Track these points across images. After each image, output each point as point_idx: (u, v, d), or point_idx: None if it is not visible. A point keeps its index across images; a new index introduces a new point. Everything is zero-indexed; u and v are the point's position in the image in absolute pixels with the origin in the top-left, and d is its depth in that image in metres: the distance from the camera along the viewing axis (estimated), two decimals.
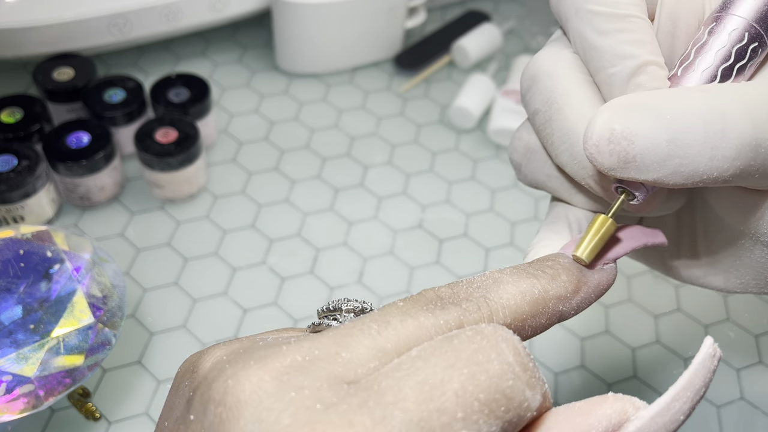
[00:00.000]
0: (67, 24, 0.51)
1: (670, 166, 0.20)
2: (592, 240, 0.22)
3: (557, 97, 0.23)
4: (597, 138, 0.20)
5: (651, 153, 0.20)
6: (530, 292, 0.21)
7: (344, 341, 0.18)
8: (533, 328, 0.21)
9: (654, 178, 0.20)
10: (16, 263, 0.36)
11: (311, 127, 0.56)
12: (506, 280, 0.21)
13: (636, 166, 0.20)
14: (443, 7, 0.69)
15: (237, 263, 0.47)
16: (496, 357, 0.17)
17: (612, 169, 0.20)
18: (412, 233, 0.50)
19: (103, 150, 0.46)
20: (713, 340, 0.19)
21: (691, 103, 0.20)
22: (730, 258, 0.26)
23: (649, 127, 0.20)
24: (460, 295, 0.20)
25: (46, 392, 0.33)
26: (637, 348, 0.45)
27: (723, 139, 0.20)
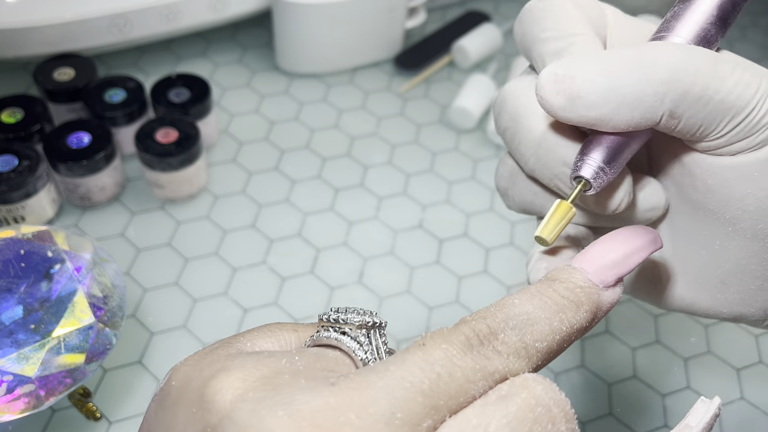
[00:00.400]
0: (67, 24, 0.51)
1: (613, 98, 0.22)
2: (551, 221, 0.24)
3: (521, 110, 0.26)
4: (544, 80, 0.23)
5: (593, 86, 0.22)
6: (560, 330, 0.21)
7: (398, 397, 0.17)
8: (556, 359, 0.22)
9: (603, 114, 0.22)
10: (17, 263, 0.36)
11: (311, 127, 0.56)
12: (538, 317, 0.21)
13: (582, 102, 0.22)
14: (443, 8, 0.69)
15: (237, 263, 0.47)
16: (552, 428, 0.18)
17: (562, 108, 0.23)
18: (412, 233, 0.50)
19: (103, 150, 0.46)
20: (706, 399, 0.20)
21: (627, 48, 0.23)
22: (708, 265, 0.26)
23: (589, 65, 0.22)
24: (497, 336, 0.20)
25: (47, 392, 0.34)
26: (637, 348, 0.45)
27: (655, 65, 0.22)
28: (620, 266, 0.23)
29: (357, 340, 0.22)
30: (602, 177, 0.24)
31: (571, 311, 0.21)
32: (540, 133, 0.25)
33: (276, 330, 0.23)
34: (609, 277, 0.22)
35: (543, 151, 0.25)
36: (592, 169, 0.23)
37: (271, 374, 0.18)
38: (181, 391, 0.19)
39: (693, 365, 0.45)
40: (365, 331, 0.22)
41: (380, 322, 0.22)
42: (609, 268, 0.23)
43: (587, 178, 0.24)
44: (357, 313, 0.22)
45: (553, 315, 0.21)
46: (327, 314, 0.23)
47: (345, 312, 0.22)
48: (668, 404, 0.43)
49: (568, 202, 0.24)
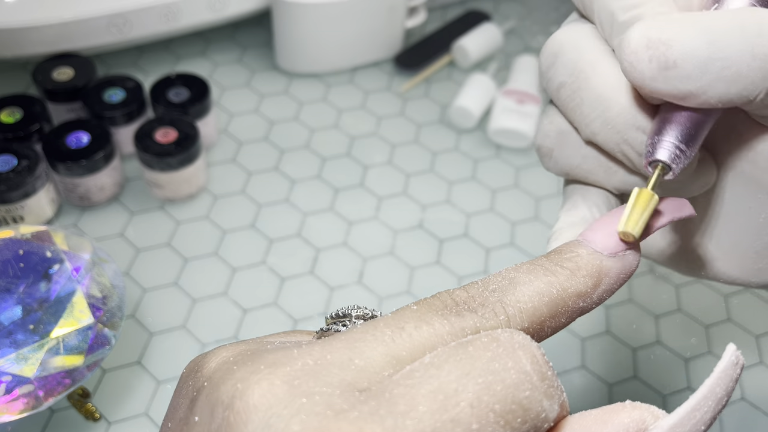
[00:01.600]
0: (66, 24, 0.51)
1: (712, 70, 0.19)
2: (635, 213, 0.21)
3: (584, 65, 0.23)
4: (635, 45, 0.20)
5: (691, 56, 0.19)
6: (548, 292, 0.20)
7: (357, 347, 0.17)
8: (553, 329, 0.20)
9: (697, 87, 0.20)
10: (16, 263, 0.36)
11: (311, 126, 0.56)
12: (522, 280, 0.20)
13: (677, 73, 0.19)
14: (443, 7, 0.69)
15: (237, 263, 0.47)
16: (513, 366, 0.17)
17: (653, 78, 0.20)
18: (413, 233, 0.50)
19: (102, 150, 0.46)
20: (736, 347, 0.18)
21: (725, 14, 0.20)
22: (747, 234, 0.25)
23: (688, 31, 0.19)
24: (475, 299, 0.19)
25: (46, 393, 0.33)
26: (637, 348, 0.45)
27: (761, 36, 0.19)
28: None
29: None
30: (681, 159, 0.21)
31: (563, 276, 0.20)
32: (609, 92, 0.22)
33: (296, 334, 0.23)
34: (614, 242, 0.21)
35: (612, 112, 0.22)
36: (670, 151, 0.21)
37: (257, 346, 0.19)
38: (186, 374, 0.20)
39: (694, 366, 0.44)
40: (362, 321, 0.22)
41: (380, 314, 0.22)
42: (608, 233, 0.21)
43: (667, 161, 0.21)
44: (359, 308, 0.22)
45: (538, 278, 0.20)
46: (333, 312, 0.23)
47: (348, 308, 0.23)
48: (669, 405, 0.42)
49: (649, 189, 0.21)
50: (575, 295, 0.20)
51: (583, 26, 0.24)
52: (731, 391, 0.18)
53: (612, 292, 0.21)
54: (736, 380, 0.18)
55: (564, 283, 0.20)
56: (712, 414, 0.17)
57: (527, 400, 0.16)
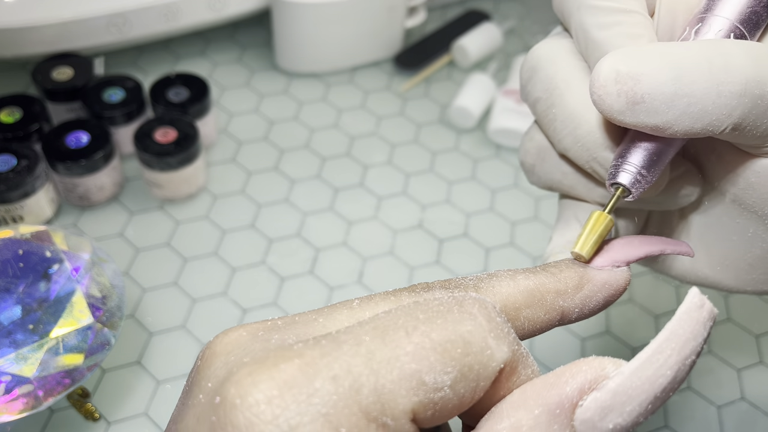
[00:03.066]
0: (66, 23, 0.51)
1: (678, 106, 0.20)
2: (589, 236, 0.22)
3: (559, 82, 0.23)
4: (604, 79, 0.20)
5: (658, 92, 0.20)
6: (524, 284, 0.20)
7: (326, 311, 0.18)
8: (530, 321, 0.21)
9: (663, 122, 0.20)
10: (15, 263, 0.36)
11: (311, 126, 0.56)
12: (502, 274, 0.21)
13: (645, 107, 0.20)
14: (443, 7, 0.69)
15: (236, 263, 0.47)
16: (458, 309, 0.17)
17: (620, 112, 0.20)
18: (412, 233, 0.50)
19: (102, 150, 0.46)
20: (699, 290, 0.18)
21: (693, 46, 0.20)
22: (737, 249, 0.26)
23: (655, 67, 0.20)
24: (451, 283, 0.20)
25: (46, 392, 0.33)
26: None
27: (728, 74, 0.20)
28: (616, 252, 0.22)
29: None
30: (641, 184, 0.22)
31: (542, 275, 0.21)
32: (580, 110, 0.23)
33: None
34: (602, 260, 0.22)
35: (582, 131, 0.23)
36: (631, 175, 0.22)
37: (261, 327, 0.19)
38: None
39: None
40: None
41: None
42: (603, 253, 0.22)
43: (626, 185, 0.22)
44: None
45: (517, 273, 0.21)
46: None
47: None
48: (669, 404, 0.42)
49: (605, 212, 0.22)
50: (554, 291, 0.21)
51: (562, 41, 0.24)
52: (699, 336, 0.17)
53: (598, 301, 0.22)
54: (703, 324, 0.17)
55: (543, 279, 0.21)
56: (678, 357, 0.17)
57: (469, 333, 0.17)
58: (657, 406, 0.17)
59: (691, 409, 0.42)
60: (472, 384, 0.17)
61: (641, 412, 0.16)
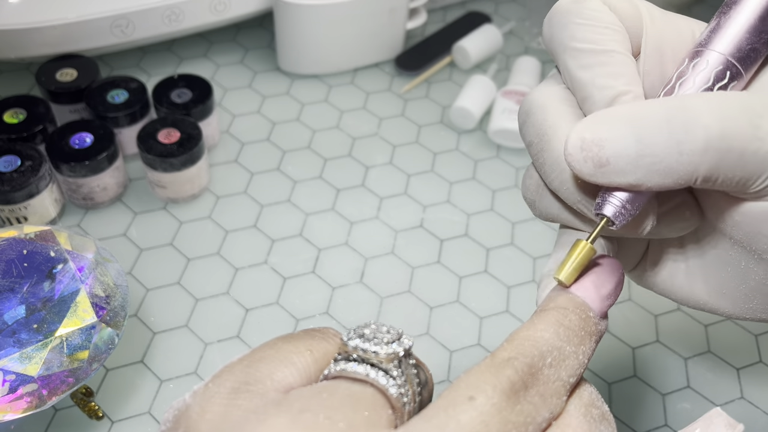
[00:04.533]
0: (69, 25, 0.51)
1: (642, 165, 0.21)
2: (571, 264, 0.23)
3: (547, 129, 0.25)
4: (571, 148, 0.22)
5: (622, 155, 0.21)
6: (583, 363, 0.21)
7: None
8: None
9: (633, 180, 0.21)
10: (20, 263, 0.36)
11: (313, 127, 0.57)
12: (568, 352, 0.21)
13: (611, 169, 0.21)
14: (444, 9, 0.69)
15: (239, 263, 0.47)
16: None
17: (591, 174, 0.22)
18: (413, 233, 0.50)
19: (106, 150, 0.46)
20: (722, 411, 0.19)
21: (655, 105, 0.21)
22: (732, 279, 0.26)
23: (617, 132, 0.21)
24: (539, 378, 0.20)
25: (50, 391, 0.34)
26: (637, 347, 0.45)
27: (687, 132, 0.20)
28: (612, 298, 0.23)
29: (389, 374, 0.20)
30: (624, 215, 0.23)
31: (587, 343, 0.21)
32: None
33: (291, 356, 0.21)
34: (605, 308, 0.23)
35: (567, 175, 0.24)
36: (614, 207, 0.23)
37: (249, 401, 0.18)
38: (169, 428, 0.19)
39: (693, 365, 0.45)
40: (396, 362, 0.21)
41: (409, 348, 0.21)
42: (605, 299, 0.23)
43: (610, 216, 0.23)
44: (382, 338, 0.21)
45: (577, 348, 0.21)
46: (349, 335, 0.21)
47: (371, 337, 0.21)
48: (668, 403, 0.43)
49: (587, 242, 0.23)
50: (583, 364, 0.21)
51: (554, 87, 0.26)
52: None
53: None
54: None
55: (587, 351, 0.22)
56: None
57: None
58: None
59: (691, 407, 0.43)
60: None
61: None
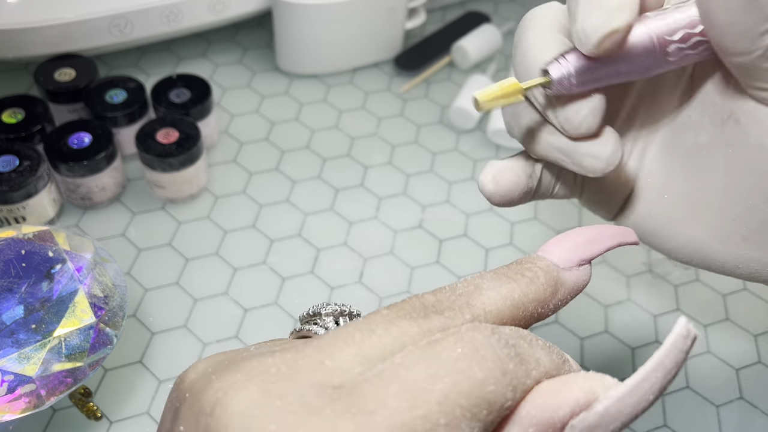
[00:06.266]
0: (68, 25, 0.51)
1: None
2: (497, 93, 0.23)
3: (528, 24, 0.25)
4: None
5: None
6: (510, 296, 0.21)
7: (328, 350, 0.18)
8: None
9: None
10: (18, 263, 0.36)
11: (311, 127, 0.57)
12: (487, 285, 0.21)
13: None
14: (443, 8, 0.69)
15: (238, 263, 0.47)
16: (477, 364, 0.18)
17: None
18: (412, 233, 0.50)
19: (104, 150, 0.46)
20: (687, 320, 0.19)
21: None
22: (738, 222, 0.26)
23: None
24: (443, 303, 0.20)
25: (48, 392, 0.34)
26: (636, 348, 0.45)
27: None
28: (582, 248, 0.23)
29: (325, 327, 0.25)
30: (564, 83, 0.23)
31: (523, 283, 0.22)
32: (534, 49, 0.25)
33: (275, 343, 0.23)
34: (570, 257, 0.23)
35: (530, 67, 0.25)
36: (559, 70, 0.23)
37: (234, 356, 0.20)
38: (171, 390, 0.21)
39: (692, 365, 0.45)
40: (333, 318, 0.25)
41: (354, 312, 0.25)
42: (570, 249, 0.23)
43: (552, 75, 0.23)
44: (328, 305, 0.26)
45: (502, 284, 0.21)
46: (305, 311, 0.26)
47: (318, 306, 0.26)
48: (668, 404, 0.43)
49: (520, 84, 0.23)
50: (535, 301, 0.22)
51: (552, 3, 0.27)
52: (681, 363, 0.18)
53: (566, 302, 0.23)
54: (686, 353, 0.18)
55: (525, 289, 0.22)
56: (660, 384, 0.18)
57: (492, 394, 0.18)
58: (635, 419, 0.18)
59: (690, 408, 0.43)
60: (491, 427, 0.18)
61: (621, 428, 0.18)
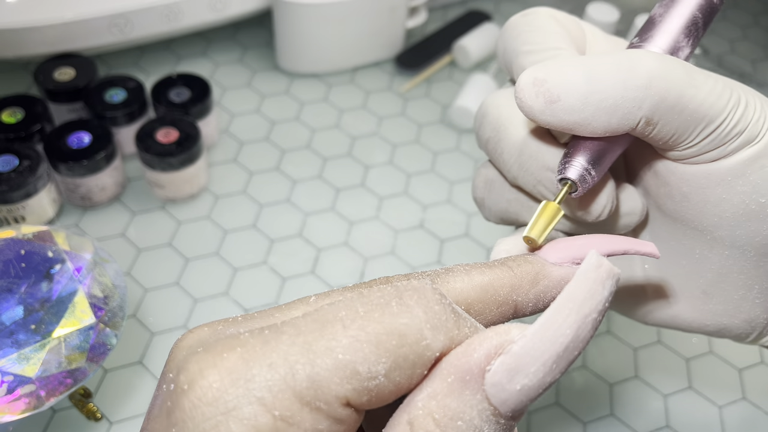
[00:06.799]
0: (68, 24, 0.51)
1: (591, 102, 0.22)
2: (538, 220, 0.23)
3: (503, 120, 0.26)
4: (524, 84, 0.23)
5: (572, 91, 0.22)
6: (479, 279, 0.21)
7: (284, 307, 0.20)
8: (481, 315, 0.21)
9: (581, 118, 0.22)
10: (18, 263, 0.36)
11: (312, 127, 0.56)
12: (458, 269, 0.21)
13: (561, 106, 0.22)
14: (444, 7, 0.69)
15: (238, 263, 0.47)
16: (396, 302, 0.18)
17: (541, 112, 0.23)
18: (413, 233, 0.50)
19: (104, 150, 0.46)
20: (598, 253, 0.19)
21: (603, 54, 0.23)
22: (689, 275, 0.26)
23: (568, 70, 0.23)
24: (410, 278, 0.21)
25: (48, 392, 0.33)
26: (638, 348, 0.45)
27: (632, 71, 0.22)
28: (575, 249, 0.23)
29: None
30: (587, 179, 0.24)
31: (498, 269, 0.22)
32: (522, 139, 0.26)
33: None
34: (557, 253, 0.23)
35: (525, 157, 0.25)
36: (577, 171, 0.24)
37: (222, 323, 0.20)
38: None
39: (695, 365, 0.44)
40: None
41: None
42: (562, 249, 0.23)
43: (573, 179, 0.24)
44: None
45: (473, 268, 0.21)
46: None
47: None
48: (670, 405, 0.42)
49: (555, 203, 0.24)
50: (508, 285, 0.21)
51: (507, 90, 0.28)
52: (598, 294, 0.18)
53: (554, 296, 0.23)
54: (602, 283, 0.18)
55: (499, 273, 0.21)
56: (576, 316, 0.17)
57: (404, 326, 0.18)
58: (563, 366, 0.17)
59: (693, 409, 0.42)
60: (408, 372, 0.18)
61: (547, 371, 0.17)
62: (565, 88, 0.22)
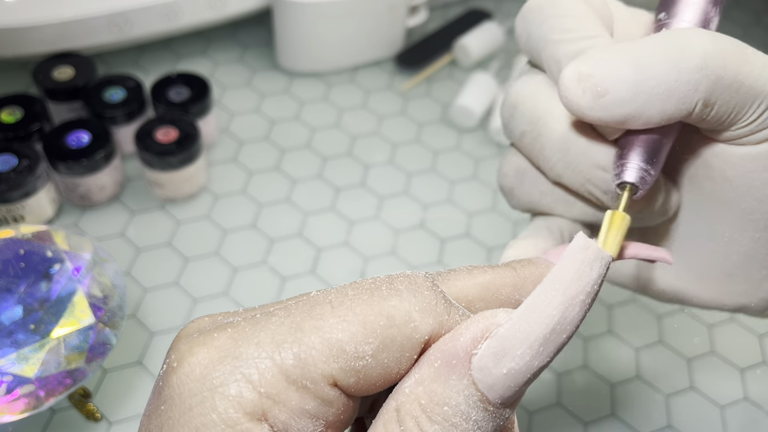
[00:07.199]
0: (67, 23, 0.51)
1: (644, 90, 0.21)
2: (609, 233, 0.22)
3: (542, 113, 0.24)
4: (568, 81, 0.21)
5: (621, 81, 0.21)
6: (481, 278, 0.21)
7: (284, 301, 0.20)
8: None
9: (634, 110, 0.21)
10: (17, 263, 0.35)
11: (312, 126, 0.56)
12: (461, 269, 0.21)
13: (611, 99, 0.21)
14: (445, 6, 0.69)
15: (238, 263, 0.47)
16: (386, 286, 0.18)
17: (590, 108, 0.21)
18: (414, 233, 0.50)
19: (103, 149, 0.46)
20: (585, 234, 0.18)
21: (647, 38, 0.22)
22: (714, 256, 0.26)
23: (614, 61, 0.21)
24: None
25: (47, 393, 0.33)
26: (640, 348, 0.45)
27: (684, 51, 0.21)
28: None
29: None
30: (647, 179, 0.22)
31: (502, 270, 0.21)
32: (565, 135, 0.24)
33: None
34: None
35: (573, 155, 0.24)
36: (636, 172, 0.22)
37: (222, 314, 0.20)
38: None
39: (696, 365, 0.44)
40: None
41: None
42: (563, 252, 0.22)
43: (633, 182, 0.22)
44: None
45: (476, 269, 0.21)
46: None
47: None
48: (671, 405, 0.42)
49: (621, 211, 0.22)
50: (510, 285, 0.21)
51: (537, 77, 0.25)
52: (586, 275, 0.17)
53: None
54: (590, 265, 0.18)
55: (500, 273, 0.21)
56: (562, 298, 0.17)
57: (392, 308, 0.18)
58: (552, 349, 0.17)
59: (694, 409, 0.42)
60: (396, 354, 0.17)
61: (533, 354, 0.17)
62: (613, 80, 0.21)
